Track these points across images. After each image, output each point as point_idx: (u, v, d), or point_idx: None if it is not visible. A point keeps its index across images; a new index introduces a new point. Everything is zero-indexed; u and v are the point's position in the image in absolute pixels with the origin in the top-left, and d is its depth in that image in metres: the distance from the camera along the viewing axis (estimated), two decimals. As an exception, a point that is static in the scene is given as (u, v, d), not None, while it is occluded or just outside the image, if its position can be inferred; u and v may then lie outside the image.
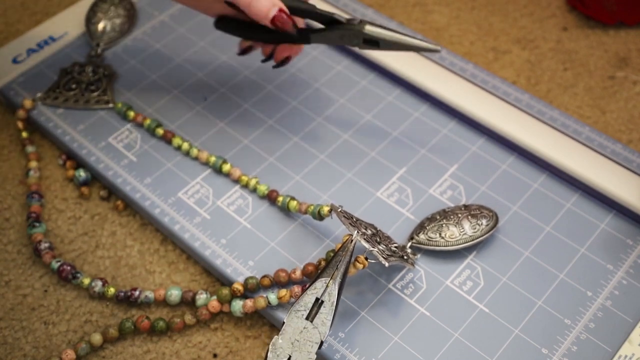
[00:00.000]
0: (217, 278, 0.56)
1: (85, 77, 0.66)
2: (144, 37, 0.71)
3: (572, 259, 0.55)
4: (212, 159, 0.60)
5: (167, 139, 0.62)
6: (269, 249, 0.56)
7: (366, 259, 0.50)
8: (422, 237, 0.55)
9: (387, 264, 0.49)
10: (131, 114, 0.63)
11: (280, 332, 0.45)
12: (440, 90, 0.64)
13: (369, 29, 0.55)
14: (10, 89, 0.66)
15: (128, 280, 0.56)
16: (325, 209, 0.53)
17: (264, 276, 0.53)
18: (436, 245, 0.54)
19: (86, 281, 0.55)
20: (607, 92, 0.68)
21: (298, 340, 0.45)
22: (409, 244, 0.55)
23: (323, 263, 0.52)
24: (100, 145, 0.62)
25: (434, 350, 0.50)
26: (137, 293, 0.54)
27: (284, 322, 0.46)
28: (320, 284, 0.47)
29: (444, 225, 0.55)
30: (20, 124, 0.64)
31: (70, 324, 0.54)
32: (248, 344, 0.53)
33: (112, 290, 0.54)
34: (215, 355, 0.52)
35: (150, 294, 0.54)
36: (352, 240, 0.48)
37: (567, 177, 0.59)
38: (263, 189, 0.58)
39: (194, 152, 0.61)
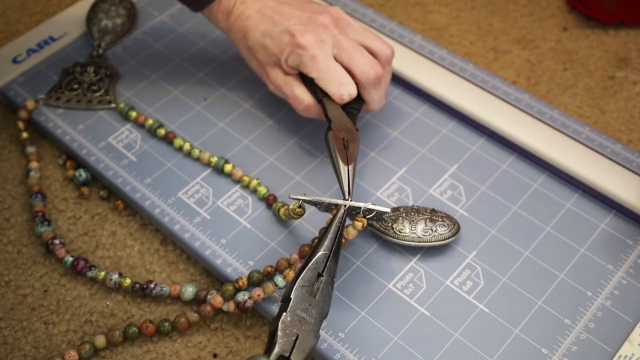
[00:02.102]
0: (217, 278, 0.56)
1: (87, 78, 0.66)
2: (144, 37, 0.71)
3: (572, 259, 0.55)
4: (214, 159, 0.60)
5: (168, 139, 0.62)
6: (269, 249, 0.56)
7: (364, 217, 0.50)
8: (376, 223, 0.55)
9: (389, 210, 0.50)
10: (133, 114, 0.63)
11: (288, 309, 0.45)
12: (440, 90, 0.64)
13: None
14: (10, 89, 0.66)
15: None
16: (294, 206, 0.54)
17: (267, 266, 0.53)
18: (383, 233, 0.55)
19: (102, 274, 0.55)
20: (607, 92, 0.68)
21: (304, 318, 0.45)
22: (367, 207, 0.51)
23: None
24: (100, 145, 0.62)
25: (434, 350, 0.50)
26: (152, 285, 0.54)
27: (290, 298, 0.45)
28: (321, 258, 0.47)
29: (400, 218, 0.55)
30: (21, 124, 0.64)
31: (70, 324, 0.54)
32: (248, 344, 0.53)
33: (127, 282, 0.54)
34: (215, 355, 0.52)
35: (165, 288, 0.54)
36: (345, 206, 0.49)
37: (567, 177, 0.59)
38: (263, 191, 0.58)
39: (196, 152, 0.61)
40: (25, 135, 0.64)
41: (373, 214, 0.50)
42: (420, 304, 0.53)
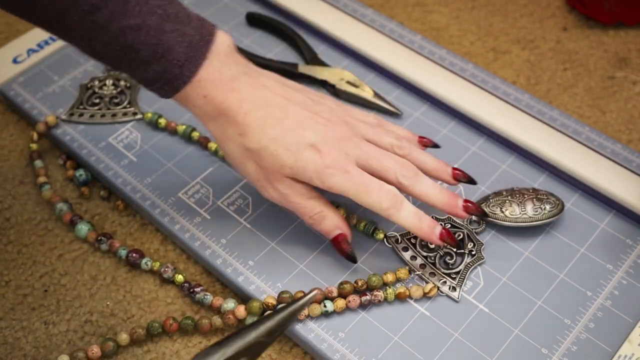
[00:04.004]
0: (217, 278, 0.56)
1: (107, 91, 0.65)
2: (144, 37, 0.71)
3: (572, 259, 0.55)
4: None
5: (203, 144, 0.61)
6: (269, 249, 0.56)
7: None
8: (484, 208, 0.56)
9: (458, 299, 0.52)
10: (162, 122, 0.63)
11: None
12: (440, 90, 0.64)
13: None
14: (10, 89, 0.66)
15: (128, 280, 0.56)
16: (380, 235, 0.55)
17: (298, 291, 0.53)
18: (495, 219, 0.55)
19: (156, 265, 0.55)
20: (606, 92, 0.68)
21: None
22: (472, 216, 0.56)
23: (360, 282, 0.53)
24: (100, 145, 0.62)
25: (434, 350, 0.50)
26: (198, 290, 0.54)
27: None
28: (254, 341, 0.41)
29: (507, 201, 0.56)
30: (35, 135, 0.63)
31: (70, 324, 0.54)
32: (248, 344, 0.53)
33: (180, 278, 0.55)
34: (215, 355, 0.52)
35: (209, 296, 0.54)
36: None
37: (567, 177, 0.59)
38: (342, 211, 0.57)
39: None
40: (34, 146, 0.62)
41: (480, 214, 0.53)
42: (420, 304, 0.53)
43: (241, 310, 0.52)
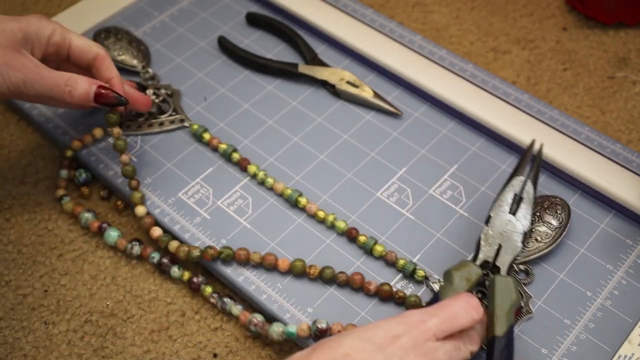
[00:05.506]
0: (217, 278, 0.56)
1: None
2: (144, 37, 0.71)
3: (572, 259, 0.55)
4: (288, 191, 0.58)
5: (242, 166, 0.60)
6: (269, 249, 0.56)
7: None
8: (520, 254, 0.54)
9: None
10: (207, 136, 0.62)
11: (489, 224, 0.52)
12: (440, 90, 0.64)
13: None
14: (10, 89, 0.66)
15: (129, 280, 0.56)
16: (421, 273, 0.54)
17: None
18: (539, 251, 0.54)
19: (186, 274, 0.55)
20: (606, 92, 0.68)
21: (505, 232, 0.51)
22: (516, 268, 0.54)
23: (386, 287, 0.52)
24: (100, 146, 0.62)
25: None
26: (227, 300, 0.53)
27: (490, 216, 0.52)
28: (516, 182, 0.53)
29: (534, 231, 0.55)
30: (76, 143, 0.61)
31: (71, 324, 0.54)
32: (248, 344, 0.53)
33: (208, 290, 0.54)
34: (215, 355, 0.52)
35: (239, 307, 0.53)
36: (539, 146, 0.54)
37: (566, 177, 0.59)
38: (342, 225, 0.56)
39: (269, 181, 0.59)
40: (69, 154, 0.62)
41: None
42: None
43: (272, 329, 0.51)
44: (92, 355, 0.53)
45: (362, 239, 0.55)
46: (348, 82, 0.65)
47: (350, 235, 0.56)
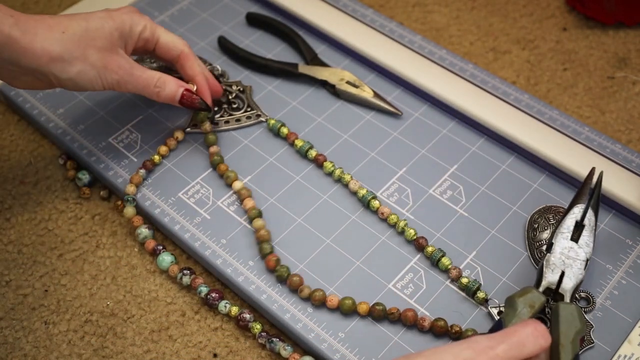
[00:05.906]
0: (217, 278, 0.56)
1: (223, 98, 0.64)
2: (144, 37, 0.71)
3: (572, 259, 0.55)
4: (363, 191, 0.58)
5: (319, 162, 0.60)
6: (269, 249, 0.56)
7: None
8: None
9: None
10: (285, 130, 0.62)
11: (551, 251, 0.51)
12: (440, 90, 0.64)
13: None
14: (10, 89, 0.66)
15: (129, 280, 0.56)
16: (481, 296, 0.53)
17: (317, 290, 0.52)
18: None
19: (234, 310, 0.53)
20: (606, 92, 0.68)
21: (567, 259, 0.50)
22: (577, 295, 0.53)
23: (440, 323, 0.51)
24: (100, 146, 0.62)
25: (434, 350, 0.50)
26: (275, 340, 0.52)
27: (552, 243, 0.51)
28: (577, 210, 0.52)
29: (554, 234, 0.53)
30: (162, 149, 0.61)
31: (71, 324, 0.54)
32: (248, 344, 0.53)
33: (258, 328, 0.53)
34: (215, 355, 0.52)
35: (289, 348, 0.51)
36: (598, 176, 0.54)
37: (566, 177, 0.59)
38: (412, 233, 0.56)
39: (347, 178, 0.59)
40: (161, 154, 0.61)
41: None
42: (420, 304, 0.53)
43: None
44: (92, 355, 0.53)
45: (429, 249, 0.55)
46: (348, 82, 0.65)
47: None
